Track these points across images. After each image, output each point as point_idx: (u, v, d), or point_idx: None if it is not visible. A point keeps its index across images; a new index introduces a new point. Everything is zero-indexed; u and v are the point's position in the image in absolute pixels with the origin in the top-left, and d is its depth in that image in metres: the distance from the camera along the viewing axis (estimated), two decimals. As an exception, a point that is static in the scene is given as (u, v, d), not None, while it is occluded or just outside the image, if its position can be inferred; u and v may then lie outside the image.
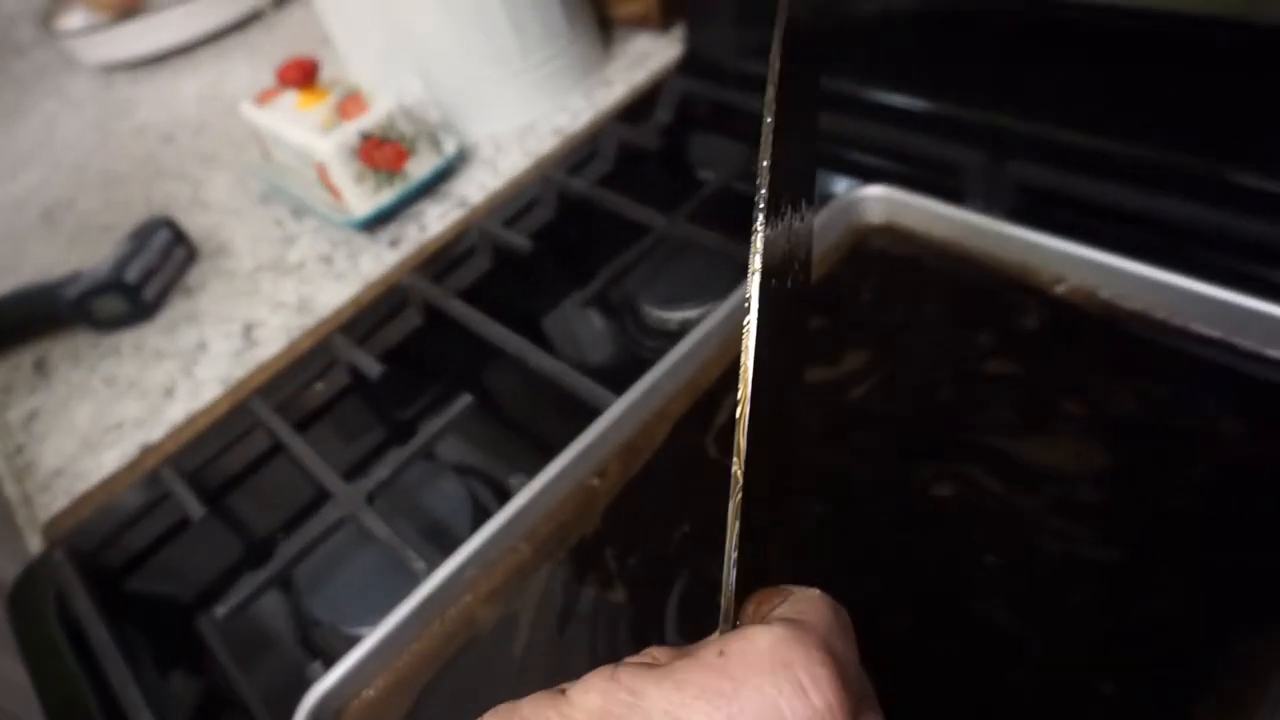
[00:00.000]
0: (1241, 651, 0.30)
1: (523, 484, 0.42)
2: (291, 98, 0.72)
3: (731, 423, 0.22)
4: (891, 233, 0.49)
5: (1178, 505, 0.35)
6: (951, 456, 0.39)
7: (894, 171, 0.53)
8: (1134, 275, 0.41)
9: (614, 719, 0.18)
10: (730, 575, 0.21)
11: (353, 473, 0.53)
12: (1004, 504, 0.37)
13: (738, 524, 0.21)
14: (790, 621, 0.19)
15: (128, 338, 0.68)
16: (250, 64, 1.06)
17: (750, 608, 0.21)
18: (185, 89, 1.05)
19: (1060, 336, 0.42)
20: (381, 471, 0.47)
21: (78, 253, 0.81)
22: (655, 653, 0.21)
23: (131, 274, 0.67)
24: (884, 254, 0.49)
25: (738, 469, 0.21)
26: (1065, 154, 0.49)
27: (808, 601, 0.20)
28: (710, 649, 0.18)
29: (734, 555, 0.21)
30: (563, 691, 0.19)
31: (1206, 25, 0.44)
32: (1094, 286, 0.42)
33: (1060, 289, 0.43)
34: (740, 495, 0.21)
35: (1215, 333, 0.40)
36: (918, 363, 0.44)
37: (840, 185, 0.56)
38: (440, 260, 0.63)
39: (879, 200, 0.48)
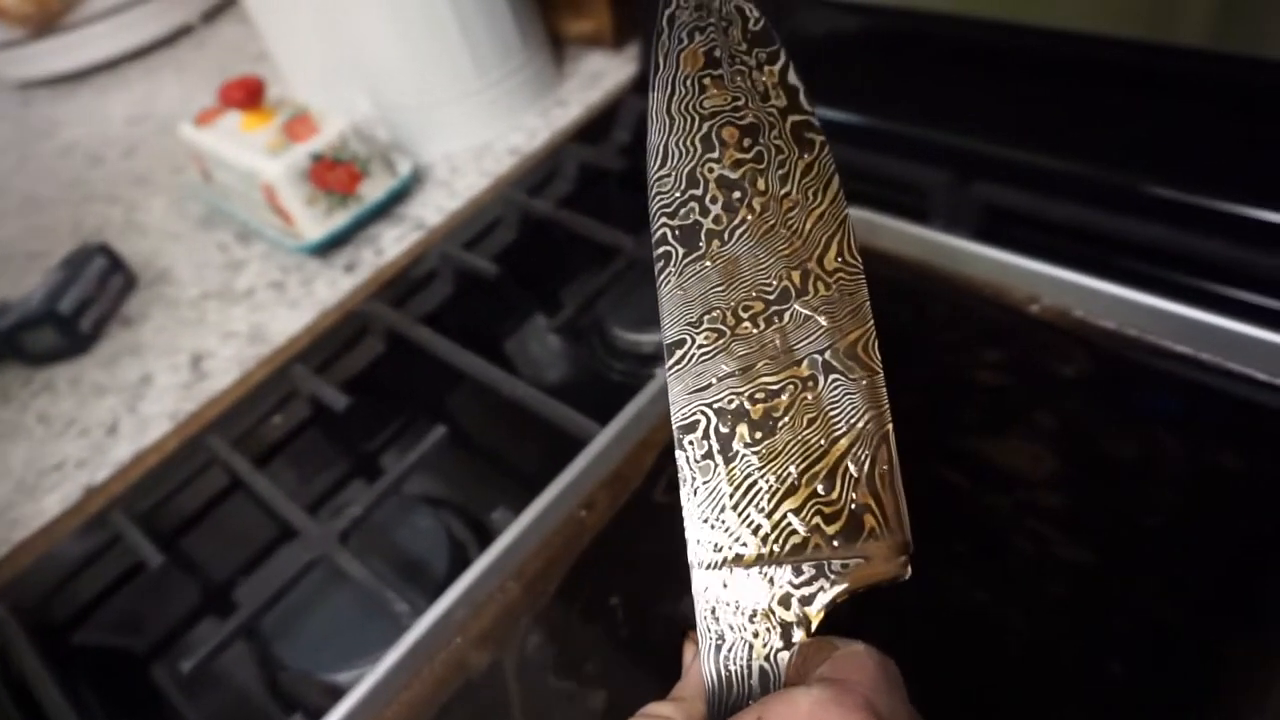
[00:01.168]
0: (1238, 659, 0.31)
1: (507, 519, 0.41)
2: (235, 118, 0.69)
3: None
4: (865, 254, 0.49)
5: (1146, 509, 0.36)
6: (919, 456, 0.39)
7: (861, 192, 0.53)
8: (1106, 295, 0.42)
9: None
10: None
11: (320, 510, 0.51)
12: (972, 500, 0.38)
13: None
14: (831, 682, 0.18)
15: (62, 372, 0.64)
16: (181, 81, 1.02)
17: (795, 661, 0.21)
18: (112, 108, 1.01)
19: (1034, 352, 0.43)
20: (354, 509, 0.45)
21: (1, 283, 0.76)
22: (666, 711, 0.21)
23: (66, 304, 0.64)
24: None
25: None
26: (1028, 175, 0.50)
27: (850, 658, 0.20)
28: (749, 714, 0.18)
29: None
30: None
31: (1153, 51, 0.46)
32: (1067, 306, 0.43)
33: (1034, 308, 0.44)
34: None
35: (1183, 348, 0.41)
36: (888, 373, 0.44)
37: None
38: (400, 285, 0.61)
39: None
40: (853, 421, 0.23)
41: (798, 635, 0.21)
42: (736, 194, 0.25)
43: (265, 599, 0.43)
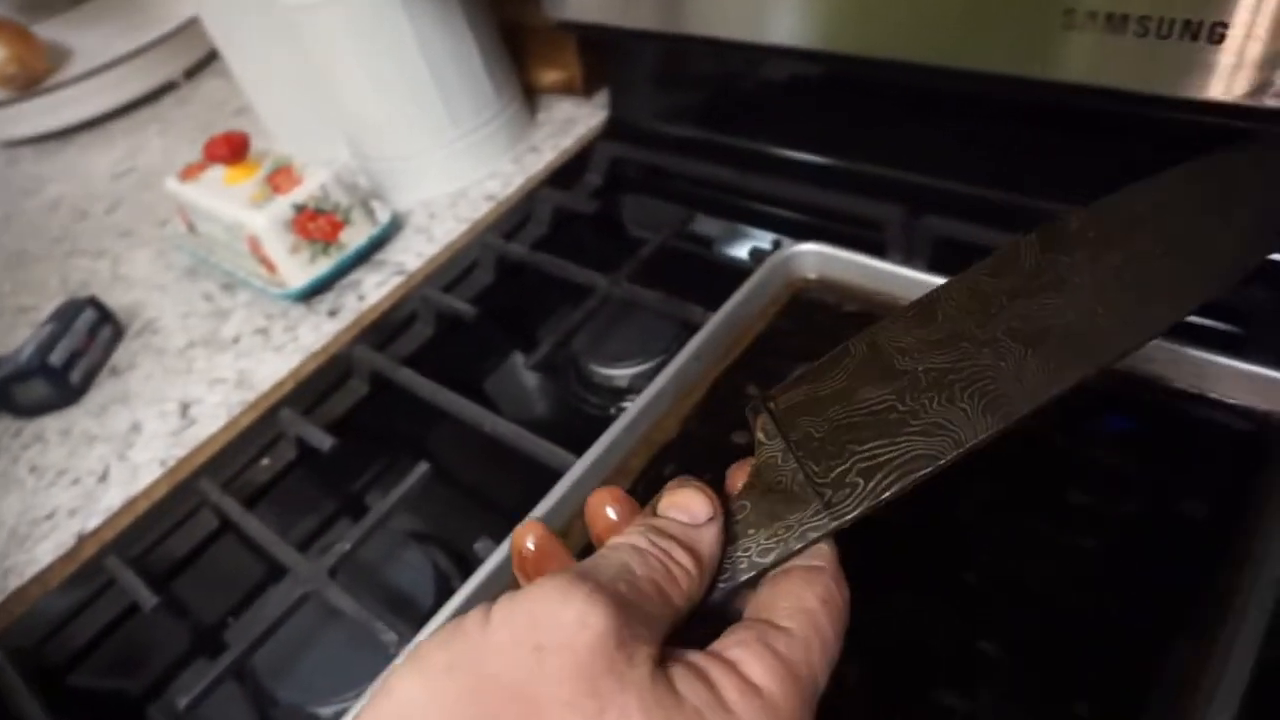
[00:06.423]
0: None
1: (489, 550, 0.43)
2: (219, 172, 0.72)
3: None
4: (824, 285, 0.52)
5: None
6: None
7: (824, 228, 0.57)
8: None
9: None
10: None
11: (308, 549, 0.52)
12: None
13: None
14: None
15: (51, 423, 0.66)
16: (164, 137, 1.05)
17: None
18: (96, 164, 1.03)
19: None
20: (342, 545, 0.47)
21: (-10, 337, 0.78)
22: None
23: (56, 357, 0.65)
24: (818, 304, 0.52)
25: None
26: (973, 208, 0.54)
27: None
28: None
29: None
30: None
31: (1078, 91, 0.49)
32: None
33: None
34: None
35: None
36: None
37: (767, 240, 0.59)
38: (382, 328, 0.64)
39: (811, 256, 0.51)
40: None
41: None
42: None
43: (257, 635, 0.44)
